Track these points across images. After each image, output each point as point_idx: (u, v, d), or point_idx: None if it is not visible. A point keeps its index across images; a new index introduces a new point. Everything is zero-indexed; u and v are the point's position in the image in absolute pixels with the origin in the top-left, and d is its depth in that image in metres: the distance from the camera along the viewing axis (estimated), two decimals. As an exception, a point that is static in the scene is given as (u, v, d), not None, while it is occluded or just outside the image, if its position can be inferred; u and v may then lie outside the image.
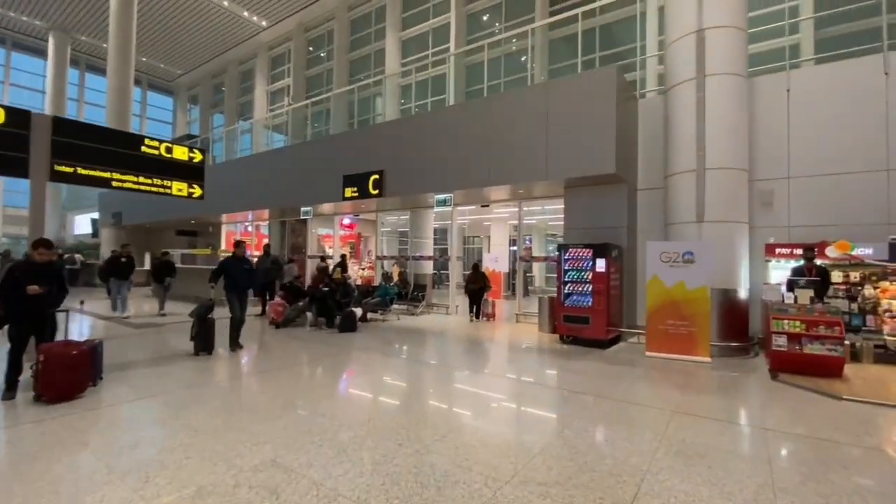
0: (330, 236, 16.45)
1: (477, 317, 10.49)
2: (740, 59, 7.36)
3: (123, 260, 10.16)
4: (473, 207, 13.45)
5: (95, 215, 22.57)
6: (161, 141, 7.12)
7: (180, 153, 7.28)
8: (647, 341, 7.16)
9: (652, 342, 7.09)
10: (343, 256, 13.14)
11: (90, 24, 24.60)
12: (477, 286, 10.56)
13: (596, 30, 13.31)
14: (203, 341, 6.49)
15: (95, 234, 22.64)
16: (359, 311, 10.14)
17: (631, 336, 8.23)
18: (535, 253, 20.35)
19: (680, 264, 6.96)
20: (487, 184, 8.96)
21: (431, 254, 12.96)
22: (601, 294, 7.47)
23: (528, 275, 18.26)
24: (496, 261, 16.13)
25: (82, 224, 26.81)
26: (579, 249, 7.80)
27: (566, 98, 8.03)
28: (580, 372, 5.91)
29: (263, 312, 10.45)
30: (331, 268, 12.88)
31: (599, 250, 7.59)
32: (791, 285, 6.36)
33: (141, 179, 6.82)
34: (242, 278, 6.99)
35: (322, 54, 22.01)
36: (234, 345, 6.88)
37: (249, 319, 10.09)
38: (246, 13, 21.96)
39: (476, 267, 10.96)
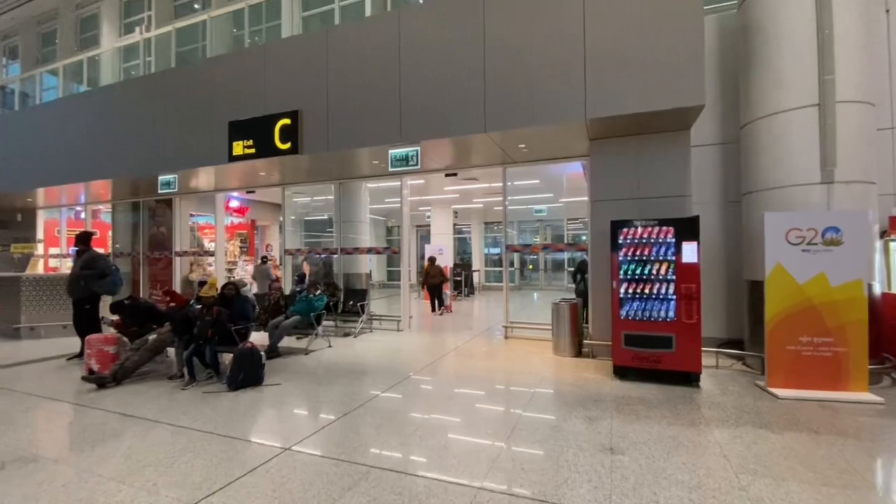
0: (211, 226, 11.76)
1: (436, 309, 10.51)
2: (863, -56, 5.02)
3: None
4: (414, 184, 10.05)
5: None
6: None
7: None
8: (768, 370, 4.48)
9: (777, 372, 4.44)
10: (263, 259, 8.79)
11: None
12: (437, 280, 10.63)
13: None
14: None
15: None
16: (262, 335, 6.17)
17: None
18: (474, 249, 17.54)
19: (819, 248, 4.39)
20: (478, 129, 5.63)
21: (371, 244, 9.23)
22: (692, 299, 4.63)
23: (473, 270, 15.32)
24: (441, 253, 12.96)
25: None
26: (650, 228, 4.88)
27: (618, -14, 5.04)
28: (783, 467, 2.94)
29: (81, 355, 5.88)
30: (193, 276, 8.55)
31: (687, 228, 4.74)
32: None
33: None
34: None
35: (196, 5, 16.54)
36: None
37: (55, 369, 5.57)
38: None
39: (433, 260, 11.10)
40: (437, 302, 10.54)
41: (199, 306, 5.05)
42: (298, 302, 6.54)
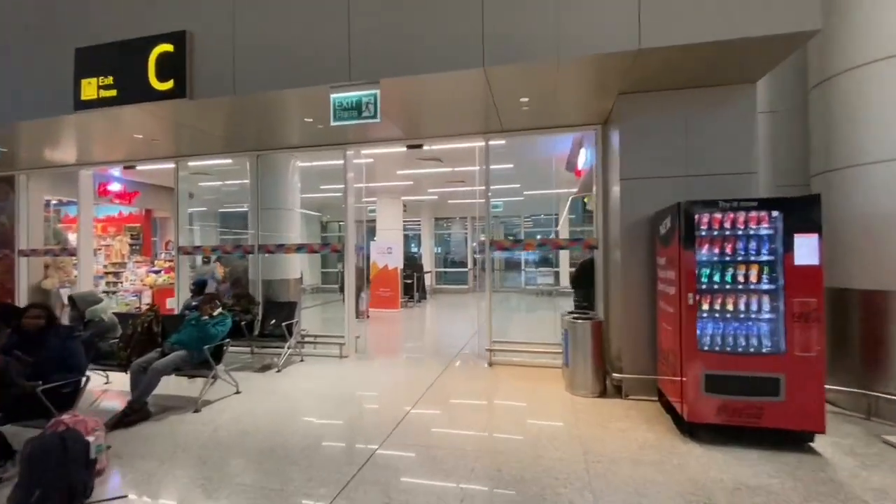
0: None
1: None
2: None
3: None
4: (358, 163, 7.89)
5: None
6: None
7: None
8: (917, 427, 3.04)
9: (931, 429, 3.00)
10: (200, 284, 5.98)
11: None
12: (361, 282, 8.97)
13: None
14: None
15: None
16: (120, 378, 3.79)
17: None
18: (424, 248, 15.60)
19: None
20: (472, 62, 3.71)
21: (301, 241, 6.92)
22: (812, 321, 3.05)
23: (425, 272, 13.39)
24: (390, 252, 10.87)
25: None
26: (740, 213, 3.25)
27: None
28: None
29: None
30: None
31: (801, 214, 3.15)
32: None
33: None
34: None
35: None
36: None
37: None
38: None
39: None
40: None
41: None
42: (185, 327, 4.19)
